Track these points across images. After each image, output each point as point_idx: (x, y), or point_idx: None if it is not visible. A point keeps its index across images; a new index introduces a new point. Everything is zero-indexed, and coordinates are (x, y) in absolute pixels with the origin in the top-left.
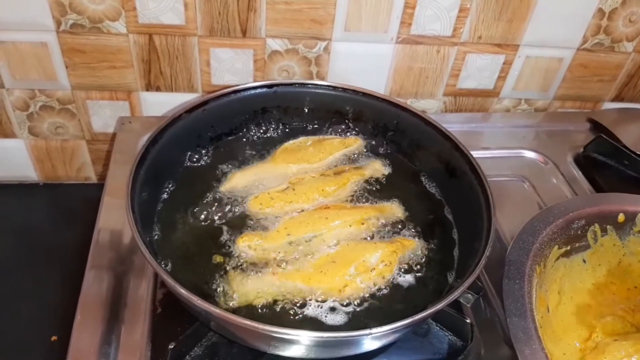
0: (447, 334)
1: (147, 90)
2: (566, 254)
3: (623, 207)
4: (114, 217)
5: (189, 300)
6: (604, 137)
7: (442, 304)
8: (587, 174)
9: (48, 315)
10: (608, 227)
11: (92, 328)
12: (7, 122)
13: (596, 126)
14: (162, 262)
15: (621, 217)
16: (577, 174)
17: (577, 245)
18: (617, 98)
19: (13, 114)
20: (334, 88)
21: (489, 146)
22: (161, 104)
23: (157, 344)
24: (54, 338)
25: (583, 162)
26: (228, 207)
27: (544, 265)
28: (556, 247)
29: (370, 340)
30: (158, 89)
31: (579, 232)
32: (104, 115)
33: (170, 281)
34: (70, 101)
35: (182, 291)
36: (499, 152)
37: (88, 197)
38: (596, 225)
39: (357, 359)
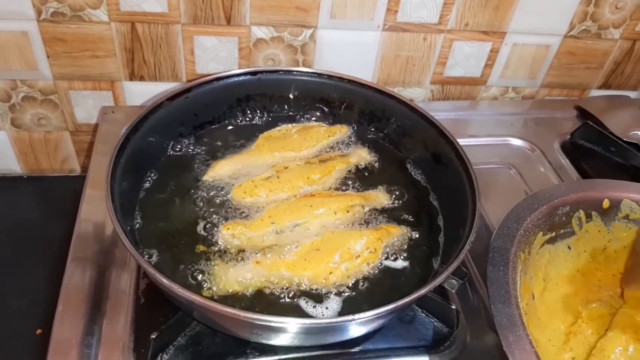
0: (432, 320)
1: (131, 79)
2: (551, 241)
3: (608, 193)
4: (96, 208)
5: (170, 289)
6: (591, 124)
7: (426, 288)
8: (574, 160)
9: (33, 309)
10: (593, 213)
11: (74, 319)
12: None
13: (583, 113)
14: (145, 252)
15: (606, 203)
16: (564, 161)
17: (561, 231)
18: (604, 85)
19: None
20: (320, 75)
21: (476, 134)
22: (145, 93)
23: (140, 334)
24: (38, 331)
25: (570, 149)
26: (212, 196)
27: (528, 252)
28: (541, 233)
29: (355, 326)
30: (142, 79)
31: (564, 218)
32: (87, 106)
33: (150, 270)
34: (53, 92)
35: (163, 280)
36: (486, 139)
37: (72, 189)
38: (581, 211)
39: (343, 346)
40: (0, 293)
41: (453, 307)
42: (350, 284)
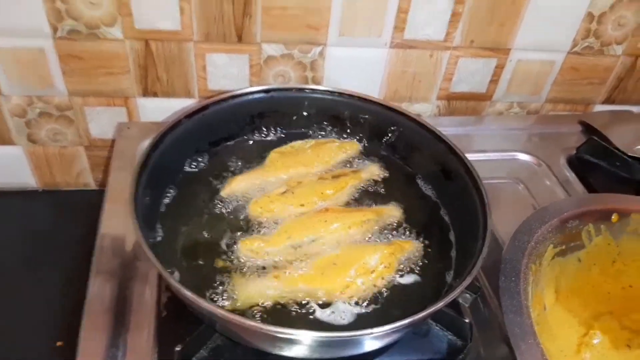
0: (446, 333)
1: (144, 95)
2: (561, 253)
3: (616, 206)
4: (116, 222)
5: (195, 302)
6: (596, 139)
7: (442, 303)
8: (580, 175)
9: (49, 321)
10: (602, 226)
11: (98, 332)
12: (5, 129)
13: (588, 128)
14: (166, 266)
15: (615, 217)
16: (570, 175)
17: (572, 244)
18: (608, 100)
19: (11, 121)
20: (331, 93)
21: (482, 149)
22: (158, 109)
23: (164, 346)
24: (59, 343)
25: (576, 163)
26: (228, 211)
27: (539, 264)
28: (551, 246)
29: (372, 339)
30: (155, 95)
31: (574, 231)
32: (101, 122)
33: (176, 285)
34: (68, 107)
35: (188, 294)
36: (493, 154)
37: (87, 203)
38: (590, 225)
39: (359, 359)
40: (16, 305)
41: (467, 320)
42: (366, 298)
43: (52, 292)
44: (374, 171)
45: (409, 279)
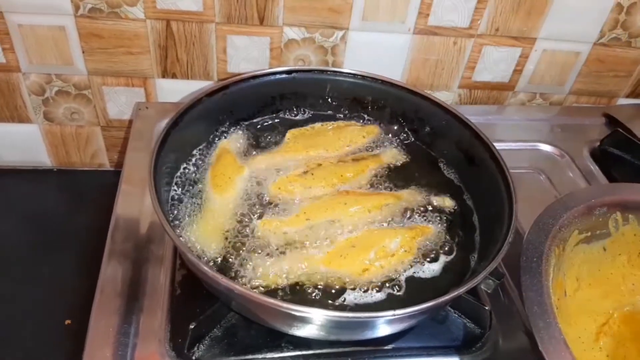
0: (465, 320)
1: (163, 77)
2: (586, 240)
3: None
4: (132, 203)
5: (214, 279)
6: (621, 131)
7: (465, 287)
8: (603, 167)
9: (61, 300)
10: (630, 216)
11: (111, 309)
12: (23, 107)
13: (611, 121)
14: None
15: None
16: (594, 167)
17: (597, 232)
18: (633, 94)
19: (28, 99)
20: (353, 75)
21: (504, 139)
22: (176, 91)
23: (176, 324)
24: (68, 322)
25: (599, 156)
26: (247, 191)
27: (563, 249)
28: (576, 231)
29: (390, 323)
30: (174, 76)
31: (600, 219)
32: (119, 102)
33: (194, 260)
34: (87, 87)
35: (207, 270)
36: (515, 144)
37: (102, 183)
38: (618, 213)
39: (375, 343)
40: (27, 284)
41: (487, 308)
42: (385, 282)
43: (64, 272)
44: (394, 155)
45: (429, 264)
